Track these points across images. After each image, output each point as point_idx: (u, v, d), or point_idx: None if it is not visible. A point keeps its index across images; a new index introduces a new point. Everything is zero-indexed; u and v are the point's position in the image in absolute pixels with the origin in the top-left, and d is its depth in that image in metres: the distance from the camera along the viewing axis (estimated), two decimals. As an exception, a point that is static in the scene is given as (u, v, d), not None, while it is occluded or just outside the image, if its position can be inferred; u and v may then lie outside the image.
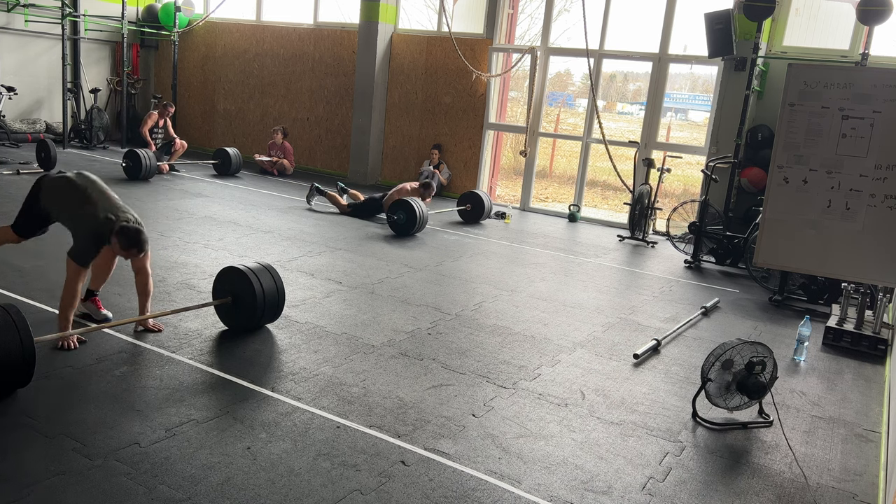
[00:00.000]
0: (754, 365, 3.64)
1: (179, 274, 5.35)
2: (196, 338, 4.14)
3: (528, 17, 11.69)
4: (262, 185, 9.98)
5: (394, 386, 3.75)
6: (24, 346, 3.12)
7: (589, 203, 11.69)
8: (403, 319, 4.85)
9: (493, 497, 2.82)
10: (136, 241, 3.77)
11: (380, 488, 2.79)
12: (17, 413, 3.10)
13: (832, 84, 5.04)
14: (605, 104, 15.90)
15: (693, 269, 7.38)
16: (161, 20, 12.41)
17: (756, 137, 8.21)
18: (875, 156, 4.95)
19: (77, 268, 3.73)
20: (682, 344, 4.94)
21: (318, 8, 11.64)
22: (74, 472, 2.70)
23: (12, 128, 11.13)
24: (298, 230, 7.27)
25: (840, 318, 5.41)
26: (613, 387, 4.06)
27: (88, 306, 4.28)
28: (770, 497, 3.06)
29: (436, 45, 10.58)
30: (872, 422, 3.96)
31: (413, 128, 10.93)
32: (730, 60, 8.32)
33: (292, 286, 5.26)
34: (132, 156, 9.07)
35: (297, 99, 11.90)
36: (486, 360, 4.26)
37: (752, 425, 3.74)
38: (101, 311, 4.28)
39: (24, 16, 11.04)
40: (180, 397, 3.39)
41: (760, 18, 7.28)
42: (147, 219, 7.00)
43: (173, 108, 10.57)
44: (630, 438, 3.45)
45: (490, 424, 3.43)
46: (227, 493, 2.66)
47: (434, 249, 7.09)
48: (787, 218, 5.26)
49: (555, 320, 5.17)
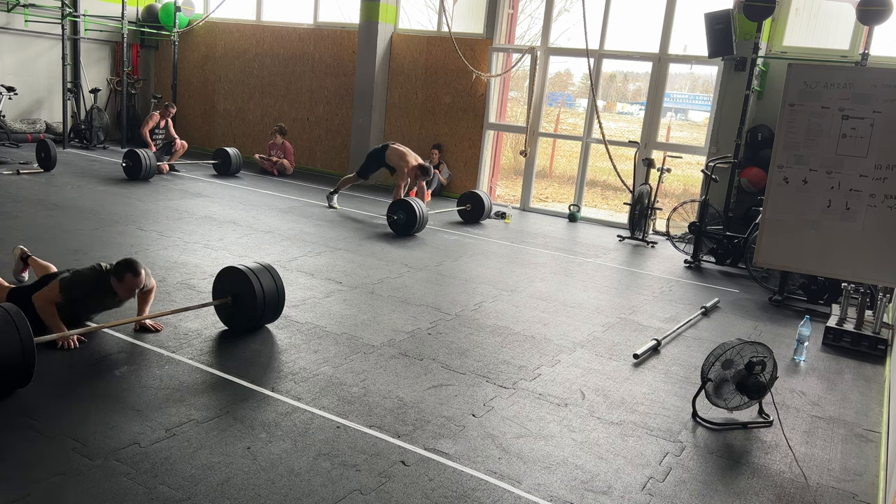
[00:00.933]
0: (754, 365, 3.64)
1: (179, 274, 5.35)
2: (196, 338, 4.15)
3: (528, 17, 11.70)
4: (262, 185, 9.98)
5: (394, 386, 3.75)
6: (24, 346, 3.12)
7: (589, 203, 11.69)
8: (403, 319, 4.85)
9: (493, 497, 2.82)
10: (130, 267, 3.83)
11: (380, 488, 2.79)
12: (17, 413, 3.10)
13: (832, 84, 5.04)
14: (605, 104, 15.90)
15: (693, 269, 7.38)
16: (161, 20, 12.41)
17: (756, 137, 8.21)
18: (875, 156, 4.95)
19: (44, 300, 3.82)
20: (682, 344, 4.94)
21: (318, 8, 11.64)
22: (74, 472, 2.70)
23: (12, 128, 11.13)
24: (298, 230, 7.27)
25: (840, 318, 5.41)
26: (613, 387, 4.06)
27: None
28: (770, 497, 3.06)
29: (436, 45, 10.58)
30: (872, 422, 3.96)
31: (413, 128, 10.94)
32: (730, 60, 8.32)
33: (292, 286, 5.26)
34: (132, 156, 9.07)
35: (297, 99, 11.90)
36: (486, 360, 4.26)
37: (752, 425, 3.74)
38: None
39: (24, 16, 11.04)
40: (180, 397, 3.39)
41: (760, 18, 7.28)
42: (147, 219, 7.01)
43: (175, 109, 10.57)
44: (630, 438, 3.45)
45: (490, 424, 3.43)
46: (227, 493, 2.66)
47: (434, 249, 7.09)
48: (787, 218, 5.26)
49: (555, 320, 5.17)
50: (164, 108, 10.36)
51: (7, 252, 5.08)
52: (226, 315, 4.34)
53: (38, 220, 6.49)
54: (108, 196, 7.84)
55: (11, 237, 5.76)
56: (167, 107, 10.38)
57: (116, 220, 6.78)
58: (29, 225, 6.27)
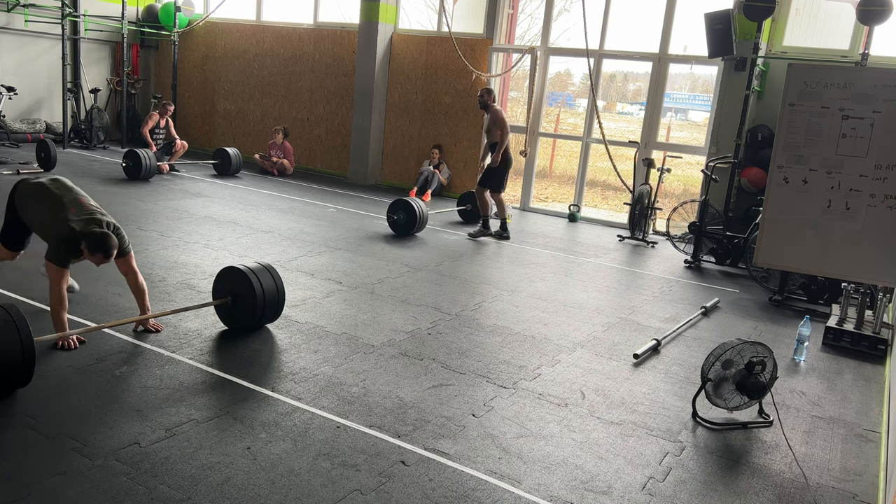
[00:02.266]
0: (754, 365, 3.64)
1: (179, 274, 5.35)
2: (196, 338, 4.15)
3: (528, 17, 11.71)
4: (262, 185, 9.98)
5: (394, 386, 3.75)
6: (24, 346, 3.12)
7: (589, 203, 11.69)
8: (403, 319, 4.85)
9: (493, 497, 2.82)
10: (101, 246, 3.76)
11: (380, 488, 2.79)
12: (17, 413, 3.10)
13: (832, 84, 5.04)
14: (605, 104, 15.90)
15: (693, 269, 7.38)
16: (161, 20, 12.41)
17: (756, 137, 8.20)
18: (875, 156, 4.95)
19: (57, 269, 3.76)
20: (682, 344, 4.94)
21: (318, 8, 11.64)
22: (74, 472, 2.70)
23: (12, 128, 11.13)
24: (298, 230, 7.27)
25: (840, 318, 5.41)
26: (613, 387, 4.06)
27: None
28: (770, 497, 3.06)
29: (436, 45, 10.58)
30: (872, 422, 3.96)
31: (413, 128, 10.93)
32: (730, 60, 8.32)
33: (292, 286, 5.26)
34: (132, 156, 9.07)
35: (297, 99, 11.89)
36: (486, 360, 4.26)
37: (752, 425, 3.74)
38: None
39: (24, 16, 11.04)
40: (180, 397, 3.39)
41: (760, 18, 7.28)
42: (147, 219, 7.01)
43: (173, 107, 10.56)
44: (630, 438, 3.45)
45: (490, 424, 3.43)
46: (227, 493, 2.66)
47: (434, 249, 7.09)
48: (787, 218, 5.26)
49: (555, 320, 5.17)
50: (162, 108, 10.35)
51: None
52: (226, 315, 4.34)
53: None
54: (108, 196, 7.84)
55: (11, 237, 5.76)
56: (165, 106, 10.37)
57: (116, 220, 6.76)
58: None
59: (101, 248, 3.77)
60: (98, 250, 3.76)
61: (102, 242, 3.77)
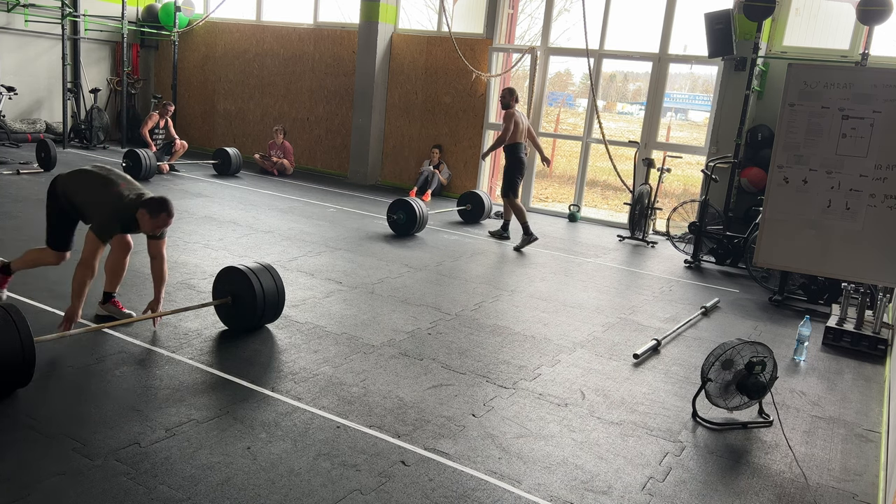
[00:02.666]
0: (754, 365, 3.64)
1: (179, 274, 5.35)
2: (196, 338, 4.15)
3: (528, 17, 11.72)
4: (262, 185, 9.98)
5: (394, 386, 3.75)
6: (24, 346, 3.12)
7: (589, 203, 11.69)
8: (403, 319, 4.85)
9: (493, 497, 2.82)
10: (164, 205, 3.88)
11: (380, 488, 2.79)
12: (17, 413, 3.10)
13: (832, 84, 5.04)
14: (605, 104, 15.90)
15: (693, 269, 7.38)
16: (161, 20, 12.41)
17: (756, 137, 8.21)
18: (875, 156, 4.95)
19: (96, 243, 3.81)
20: (682, 344, 4.94)
21: (318, 8, 11.64)
22: (74, 472, 2.70)
23: (12, 128, 11.13)
24: (298, 230, 7.27)
25: (840, 318, 5.41)
26: (613, 387, 4.06)
27: (110, 308, 4.34)
28: (770, 497, 3.06)
29: (436, 45, 10.58)
30: (872, 422, 3.96)
31: (413, 128, 10.93)
32: (730, 60, 8.32)
33: (292, 286, 5.26)
34: (132, 156, 9.08)
35: (297, 99, 11.89)
36: (486, 360, 4.26)
37: (752, 425, 3.74)
38: (123, 310, 4.33)
39: (24, 16, 11.04)
40: (180, 397, 3.39)
41: (760, 18, 7.28)
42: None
43: (173, 107, 10.57)
44: (630, 438, 3.45)
45: (490, 424, 3.43)
46: (227, 493, 2.67)
47: (434, 249, 7.09)
48: (787, 218, 5.26)
49: (555, 320, 5.17)
50: (162, 108, 10.36)
51: (7, 253, 5.08)
52: (226, 315, 4.34)
53: (38, 220, 6.45)
54: (108, 196, 7.83)
55: (12, 237, 5.76)
56: (165, 106, 10.38)
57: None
58: (29, 225, 6.26)
59: (164, 208, 3.88)
60: (161, 210, 3.87)
61: (164, 202, 3.90)
